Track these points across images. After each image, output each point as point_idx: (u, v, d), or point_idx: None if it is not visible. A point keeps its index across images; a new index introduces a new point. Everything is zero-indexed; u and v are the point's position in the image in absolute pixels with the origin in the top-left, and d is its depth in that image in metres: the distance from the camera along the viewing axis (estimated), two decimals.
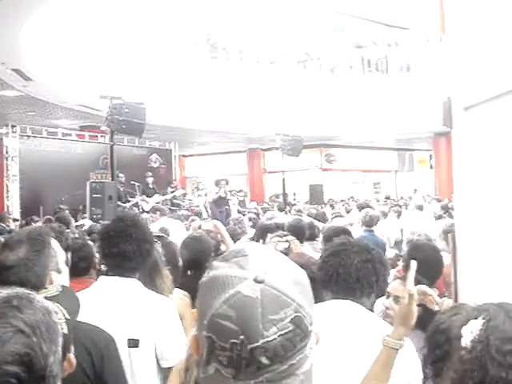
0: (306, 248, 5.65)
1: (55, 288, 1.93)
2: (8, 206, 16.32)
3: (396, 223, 10.90)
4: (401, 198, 20.90)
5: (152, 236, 3.00)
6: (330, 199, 20.09)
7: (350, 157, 27.43)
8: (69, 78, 13.61)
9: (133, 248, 2.80)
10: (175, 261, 4.13)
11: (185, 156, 28.20)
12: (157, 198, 15.42)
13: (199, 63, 16.27)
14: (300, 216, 9.36)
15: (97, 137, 18.67)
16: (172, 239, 5.39)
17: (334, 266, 2.41)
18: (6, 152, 16.71)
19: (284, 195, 20.17)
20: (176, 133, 20.60)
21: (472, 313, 1.55)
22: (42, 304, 1.02)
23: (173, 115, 17.55)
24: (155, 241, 3.59)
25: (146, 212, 13.11)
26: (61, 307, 1.71)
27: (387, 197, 21.89)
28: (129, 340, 2.63)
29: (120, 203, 13.19)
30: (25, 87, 13.88)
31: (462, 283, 2.60)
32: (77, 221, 11.45)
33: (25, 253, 2.14)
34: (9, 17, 9.68)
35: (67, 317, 1.70)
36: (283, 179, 19.99)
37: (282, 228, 6.08)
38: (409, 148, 28.71)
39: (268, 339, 0.94)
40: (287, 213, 13.98)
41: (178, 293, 3.54)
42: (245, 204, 17.63)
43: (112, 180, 12.42)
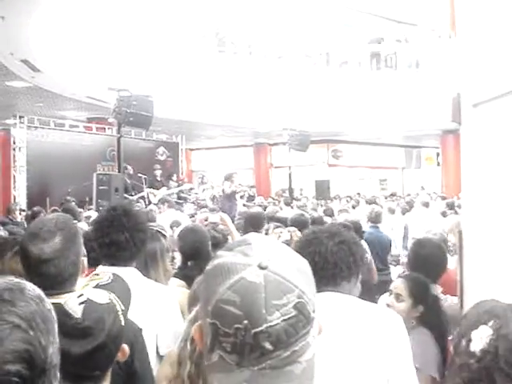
0: None
1: (107, 276, 1.93)
2: (15, 197, 16.37)
3: (401, 220, 10.90)
4: (407, 195, 20.83)
5: (145, 225, 2.98)
6: (337, 195, 20.04)
7: (357, 153, 27.35)
8: (77, 70, 13.62)
9: (125, 237, 2.80)
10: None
11: (191, 149, 28.19)
12: (164, 191, 15.44)
13: (207, 57, 16.28)
14: (303, 211, 9.33)
15: (104, 129, 18.69)
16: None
17: (310, 256, 2.33)
18: (14, 143, 16.76)
19: (290, 190, 20.14)
20: (183, 126, 20.61)
21: (483, 316, 1.55)
22: (34, 292, 1.00)
23: (180, 108, 17.55)
24: (161, 232, 3.60)
25: (154, 204, 13.11)
26: (116, 297, 1.72)
27: (393, 193, 21.84)
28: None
29: (127, 195, 13.21)
30: (33, 78, 13.90)
31: (468, 281, 2.59)
32: (84, 211, 11.47)
33: (60, 244, 2.14)
34: (18, 7, 9.69)
35: (122, 308, 1.71)
36: (290, 174, 19.96)
37: (285, 222, 6.07)
38: (416, 145, 28.62)
39: (271, 324, 0.95)
40: (293, 207, 13.96)
41: (175, 282, 3.54)
42: (254, 199, 17.61)
43: (119, 172, 12.43)
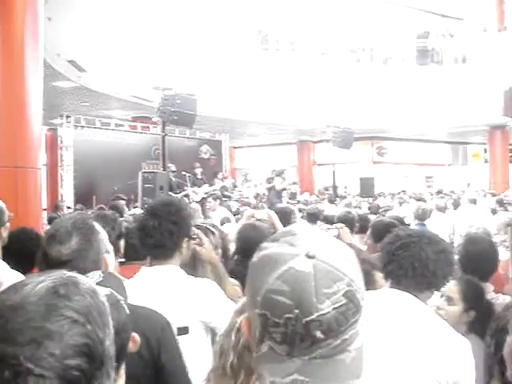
0: (355, 240, 5.62)
1: (96, 274, 1.93)
2: (62, 195, 16.68)
3: (449, 217, 10.71)
4: (453, 193, 20.51)
5: (179, 217, 2.93)
6: (381, 192, 19.87)
7: (402, 150, 27.07)
8: (122, 70, 13.81)
9: (154, 224, 2.81)
10: (226, 251, 4.14)
11: (235, 147, 28.28)
12: (206, 189, 15.51)
13: (250, 54, 16.29)
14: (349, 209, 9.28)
15: (149, 127, 18.89)
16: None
17: (408, 260, 2.30)
18: (61, 142, 17.09)
19: (334, 188, 20.03)
20: (226, 124, 20.69)
21: None
22: (88, 286, 1.01)
23: (223, 106, 17.62)
24: (210, 229, 3.61)
25: (196, 202, 13.18)
26: (113, 290, 1.72)
27: (440, 191, 21.52)
28: (178, 328, 2.63)
29: (171, 193, 13.32)
30: (79, 78, 14.14)
31: None
32: (129, 210, 11.61)
33: (77, 244, 2.13)
34: (64, 9, 9.86)
35: (122, 298, 1.71)
36: (333, 172, 19.84)
37: (332, 220, 6.05)
38: (463, 141, 28.16)
39: (322, 312, 0.95)
40: (337, 205, 13.87)
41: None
42: (295, 196, 17.56)
43: (163, 170, 12.54)
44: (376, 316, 1.09)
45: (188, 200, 14.34)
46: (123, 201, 12.01)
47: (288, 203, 14.70)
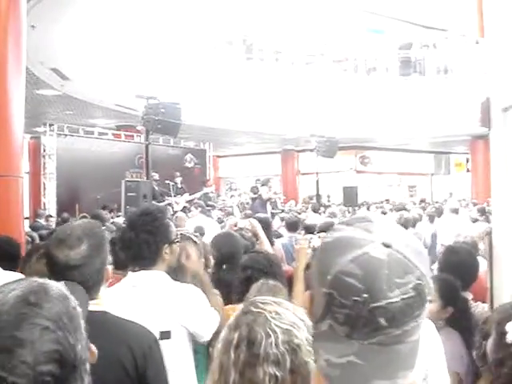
0: None
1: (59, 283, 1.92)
2: (44, 204, 16.58)
3: (429, 227, 10.78)
4: (436, 202, 20.63)
5: (167, 230, 2.96)
6: (364, 201, 19.92)
7: (385, 159, 27.20)
8: (105, 78, 13.76)
9: (145, 240, 2.83)
10: (206, 260, 4.15)
11: (219, 156, 28.27)
12: (187, 197, 15.50)
13: (234, 64, 16.31)
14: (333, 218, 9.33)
15: (133, 136, 18.85)
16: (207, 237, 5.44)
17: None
18: (44, 150, 17.02)
19: (318, 197, 20.06)
20: (211, 133, 20.68)
21: (510, 310, 1.57)
22: (58, 291, 1.02)
23: (208, 116, 17.61)
24: (192, 238, 3.62)
25: (180, 211, 13.17)
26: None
27: (422, 200, 21.63)
28: (161, 333, 2.65)
29: (155, 202, 13.29)
30: (62, 86, 14.07)
31: (498, 286, 2.55)
32: (112, 218, 11.57)
33: (87, 251, 2.14)
34: (48, 17, 9.82)
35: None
36: (317, 181, 19.88)
37: (313, 229, 6.08)
38: (445, 151, 28.36)
39: (390, 300, 0.96)
40: (321, 214, 13.89)
41: None
42: (277, 205, 17.57)
43: (147, 179, 12.51)
44: None
45: (172, 209, 14.33)
46: (106, 210, 11.96)
47: (272, 213, 14.74)
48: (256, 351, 1.63)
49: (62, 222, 9.91)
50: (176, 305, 2.78)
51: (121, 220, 10.11)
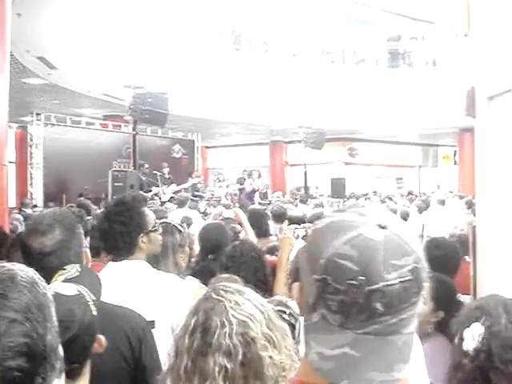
0: None
1: (74, 269, 1.91)
2: (31, 194, 16.49)
3: (418, 218, 10.83)
4: (423, 194, 20.70)
5: (126, 217, 2.93)
6: (352, 193, 19.97)
7: (374, 151, 27.26)
8: (93, 67, 13.68)
9: (119, 231, 2.83)
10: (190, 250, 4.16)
11: (207, 147, 28.23)
12: (174, 188, 15.48)
13: (223, 54, 16.26)
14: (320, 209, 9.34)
15: (120, 126, 18.77)
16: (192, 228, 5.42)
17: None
18: (31, 140, 16.89)
19: (306, 188, 20.09)
20: (199, 124, 20.63)
21: (474, 312, 1.54)
22: (26, 278, 0.99)
23: (196, 106, 17.57)
24: (177, 227, 3.61)
25: (164, 202, 13.16)
26: (85, 289, 1.71)
27: (410, 192, 21.72)
28: (146, 322, 2.65)
29: (142, 192, 13.26)
30: (49, 75, 13.98)
31: (482, 277, 2.55)
32: (99, 209, 11.52)
33: (61, 235, 2.14)
34: (33, 4, 9.74)
35: (93, 298, 1.70)
36: (305, 172, 19.90)
37: (298, 220, 6.08)
38: (433, 143, 28.46)
39: (388, 283, 0.93)
40: (309, 205, 13.91)
41: (192, 280, 3.55)
42: (267, 196, 17.59)
43: (134, 169, 12.48)
44: None
45: (160, 199, 14.30)
46: (88, 200, 11.92)
47: (260, 204, 14.75)
48: (209, 340, 1.62)
49: None
50: (158, 294, 2.77)
51: None
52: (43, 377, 0.94)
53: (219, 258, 4.04)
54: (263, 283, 3.37)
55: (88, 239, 3.66)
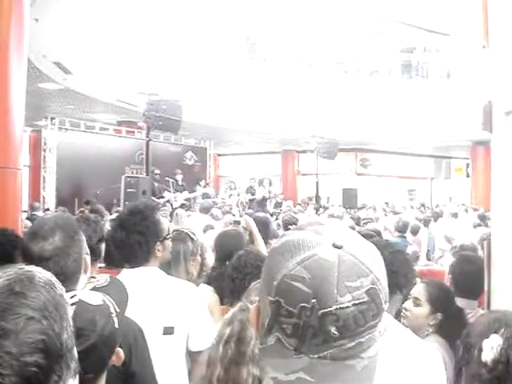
0: None
1: (104, 278, 1.91)
2: (44, 197, 16.57)
3: (424, 231, 10.77)
4: (436, 206, 20.63)
5: (143, 227, 2.95)
6: (363, 204, 19.93)
7: (386, 162, 27.19)
8: (108, 73, 13.77)
9: (136, 239, 2.85)
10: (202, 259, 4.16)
11: (219, 155, 28.28)
12: (186, 195, 15.52)
13: (237, 63, 16.30)
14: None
15: (133, 132, 18.84)
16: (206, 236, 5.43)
17: None
18: (45, 144, 16.96)
19: (317, 198, 20.07)
20: (211, 131, 20.68)
21: (493, 324, 1.55)
22: (44, 279, 1.02)
23: (209, 114, 17.62)
24: (189, 236, 3.61)
25: (176, 208, 13.19)
26: (111, 300, 1.71)
27: (422, 204, 21.64)
28: (164, 328, 2.69)
29: (154, 199, 13.31)
30: (65, 80, 14.08)
31: (496, 291, 2.54)
32: (111, 214, 11.56)
33: (61, 241, 2.12)
34: (51, 10, 9.82)
35: (117, 310, 1.69)
36: (317, 182, 19.89)
37: None
38: (446, 155, 28.35)
39: (341, 305, 0.88)
40: (320, 215, 13.88)
41: (205, 288, 3.55)
42: (281, 205, 17.59)
43: (147, 175, 12.53)
44: None
45: (171, 206, 14.33)
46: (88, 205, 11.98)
47: (273, 213, 14.75)
48: (243, 349, 1.62)
49: None
50: (175, 302, 2.79)
51: None
52: (59, 375, 0.95)
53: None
54: None
55: (103, 246, 3.66)
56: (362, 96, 17.56)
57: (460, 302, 3.23)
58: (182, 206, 14.06)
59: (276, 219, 11.53)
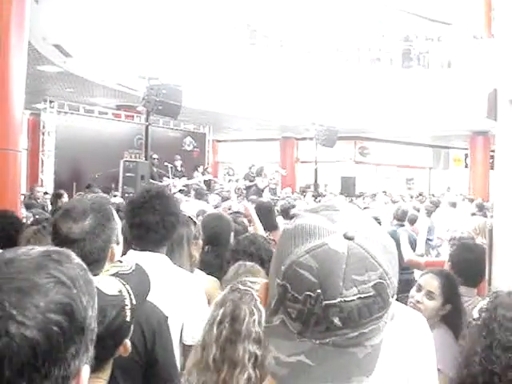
0: None
1: (129, 265, 1.86)
2: (42, 180, 16.55)
3: (425, 221, 10.78)
4: (433, 196, 20.65)
5: (177, 209, 2.93)
6: (361, 192, 19.94)
7: (385, 151, 27.18)
8: (108, 57, 13.71)
9: (156, 219, 2.76)
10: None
11: (219, 141, 28.22)
12: (184, 181, 15.52)
13: (238, 49, 16.26)
14: None
15: (133, 117, 18.80)
16: None
17: None
18: (43, 127, 16.92)
19: (315, 186, 20.08)
20: (211, 117, 20.63)
21: (484, 300, 1.66)
22: (79, 261, 1.04)
23: (209, 99, 17.57)
24: (192, 219, 3.60)
25: (178, 192, 13.19)
26: (129, 290, 1.67)
27: (420, 193, 21.65)
28: None
29: (153, 183, 13.31)
30: (64, 63, 14.01)
31: (497, 280, 2.54)
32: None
33: (90, 226, 2.08)
34: None
35: (134, 303, 1.67)
36: (315, 169, 19.89)
37: None
38: (445, 145, 28.35)
39: (346, 299, 0.88)
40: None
41: (200, 274, 3.55)
42: (276, 192, 17.59)
43: (145, 160, 12.52)
44: None
45: (170, 191, 14.33)
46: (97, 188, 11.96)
47: (270, 199, 14.74)
48: (238, 328, 1.64)
49: (56, 198, 9.89)
50: (173, 291, 2.74)
51: (118, 200, 10.08)
52: (77, 350, 0.95)
53: (217, 250, 4.05)
54: None
55: None
56: (363, 84, 17.53)
57: (459, 290, 3.25)
58: (181, 192, 14.05)
59: (274, 205, 11.54)
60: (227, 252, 3.68)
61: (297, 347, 0.92)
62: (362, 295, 0.89)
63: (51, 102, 16.79)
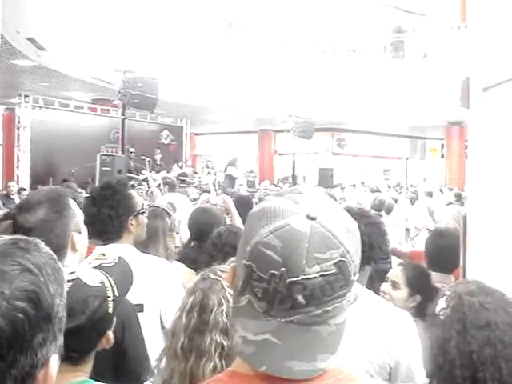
0: None
1: (112, 258, 1.86)
2: (18, 176, 16.39)
3: (409, 209, 10.87)
4: (411, 186, 20.80)
5: (129, 202, 2.94)
6: (339, 183, 20.01)
7: (362, 142, 27.27)
8: (83, 50, 13.56)
9: (108, 214, 2.82)
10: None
11: (196, 134, 28.12)
12: (163, 175, 15.45)
13: (214, 41, 16.20)
14: None
15: (109, 110, 18.67)
16: (179, 214, 5.39)
17: None
18: (18, 122, 16.76)
19: (294, 177, 20.11)
20: (188, 110, 20.55)
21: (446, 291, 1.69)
22: (48, 251, 1.04)
23: (185, 92, 17.49)
24: (167, 211, 3.59)
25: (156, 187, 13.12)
26: (113, 283, 1.67)
27: (398, 184, 21.80)
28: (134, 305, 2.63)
29: (131, 175, 13.25)
30: (38, 57, 13.85)
31: (471, 267, 2.57)
32: (86, 193, 11.47)
33: (44, 214, 2.07)
34: None
35: (116, 295, 1.66)
36: (293, 161, 19.92)
37: None
38: (421, 136, 28.54)
39: (309, 276, 0.92)
40: None
41: (179, 265, 3.54)
42: (254, 185, 17.60)
43: (122, 154, 12.44)
44: None
45: (148, 184, 14.26)
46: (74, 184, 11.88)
47: (247, 191, 14.76)
48: (206, 318, 1.65)
49: None
50: (147, 278, 2.72)
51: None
52: (44, 338, 0.94)
53: (203, 246, 4.02)
54: None
55: None
56: (339, 76, 17.58)
57: (435, 277, 3.26)
58: (159, 186, 13.99)
59: (253, 197, 11.56)
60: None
61: (263, 326, 0.96)
62: (325, 273, 0.93)
63: (26, 97, 16.62)
